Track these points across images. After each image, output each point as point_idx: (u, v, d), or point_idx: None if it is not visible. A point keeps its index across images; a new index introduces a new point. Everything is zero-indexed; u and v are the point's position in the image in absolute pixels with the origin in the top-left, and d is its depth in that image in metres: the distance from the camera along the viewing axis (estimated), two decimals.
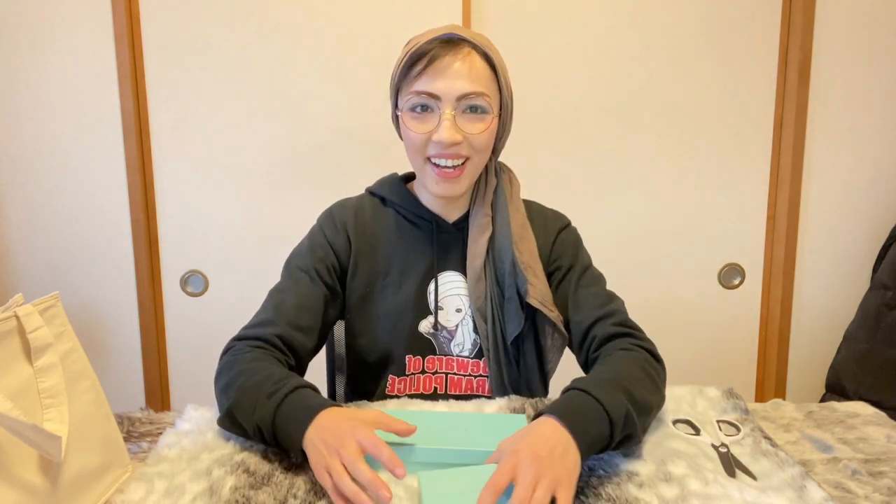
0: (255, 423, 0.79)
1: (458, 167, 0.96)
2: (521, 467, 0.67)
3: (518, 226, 1.03)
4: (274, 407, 0.78)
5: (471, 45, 0.95)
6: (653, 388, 0.86)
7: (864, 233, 1.92)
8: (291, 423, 0.76)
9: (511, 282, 1.00)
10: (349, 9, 1.77)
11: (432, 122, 0.95)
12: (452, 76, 0.93)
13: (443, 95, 0.93)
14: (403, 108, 0.97)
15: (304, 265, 1.02)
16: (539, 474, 0.67)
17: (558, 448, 0.70)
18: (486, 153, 0.99)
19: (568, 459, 0.70)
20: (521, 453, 0.68)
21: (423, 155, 0.97)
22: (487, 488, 0.66)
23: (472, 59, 0.94)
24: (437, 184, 0.98)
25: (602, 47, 1.82)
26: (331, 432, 0.73)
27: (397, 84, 0.98)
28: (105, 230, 1.84)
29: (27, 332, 0.66)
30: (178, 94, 1.79)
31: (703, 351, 1.98)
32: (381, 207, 1.08)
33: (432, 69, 0.93)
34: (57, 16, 1.74)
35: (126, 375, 1.90)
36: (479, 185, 1.05)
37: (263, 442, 0.81)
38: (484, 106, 0.95)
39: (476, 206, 1.04)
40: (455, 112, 0.94)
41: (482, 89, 0.94)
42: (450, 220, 1.05)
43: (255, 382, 0.82)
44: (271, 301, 0.99)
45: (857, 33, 1.81)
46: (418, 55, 0.94)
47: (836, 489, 0.75)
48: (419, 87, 0.94)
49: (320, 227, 1.07)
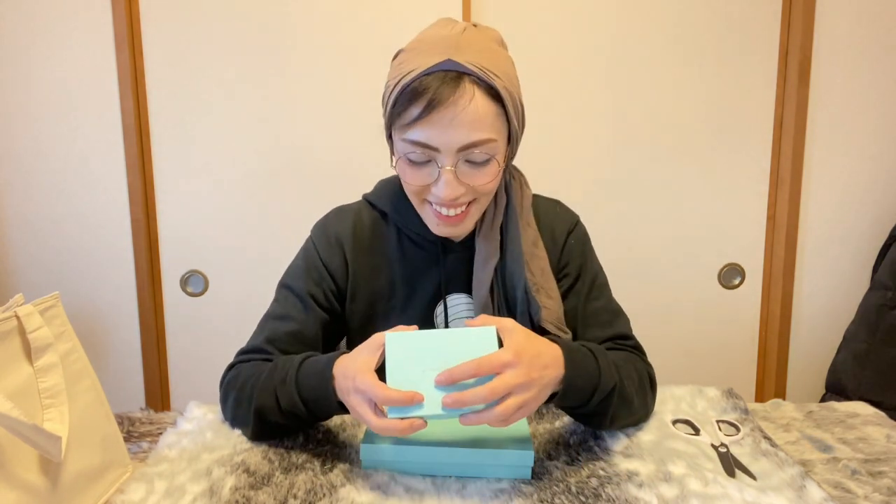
0: (288, 409, 0.81)
1: (460, 213, 0.90)
2: (511, 371, 0.70)
3: (529, 244, 0.97)
4: (294, 388, 0.80)
5: (473, 78, 0.82)
6: (640, 398, 0.88)
7: (864, 233, 1.92)
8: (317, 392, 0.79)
9: (524, 309, 0.95)
10: (349, 9, 1.77)
11: (430, 172, 0.86)
12: (453, 127, 0.81)
13: (442, 148, 0.83)
14: (398, 153, 0.87)
15: (298, 289, 0.96)
16: (521, 388, 0.70)
17: (545, 378, 0.73)
18: (492, 194, 0.93)
19: (543, 394, 0.74)
20: (520, 360, 0.71)
21: (422, 198, 0.90)
22: (470, 364, 0.70)
23: (475, 103, 0.82)
24: (437, 226, 0.92)
25: (602, 47, 1.82)
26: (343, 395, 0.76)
27: (390, 120, 0.87)
28: (105, 230, 1.84)
29: (27, 332, 0.66)
30: (178, 94, 1.79)
31: (703, 351, 1.98)
32: (382, 223, 1.01)
33: (429, 119, 0.81)
34: (57, 16, 1.74)
35: (126, 375, 1.91)
36: (488, 208, 0.98)
37: (303, 424, 0.84)
38: (488, 156, 0.85)
39: (483, 231, 0.97)
40: (456, 165, 0.84)
41: (486, 136, 0.83)
42: (456, 240, 0.99)
43: (264, 379, 0.84)
44: (265, 329, 0.95)
45: (857, 33, 1.81)
46: (412, 94, 0.82)
47: (836, 489, 0.75)
48: (415, 136, 0.83)
49: (314, 245, 1.00)
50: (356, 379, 0.73)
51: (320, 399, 0.79)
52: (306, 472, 0.76)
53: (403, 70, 0.84)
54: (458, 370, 0.70)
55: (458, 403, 0.69)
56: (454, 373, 0.70)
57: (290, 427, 0.85)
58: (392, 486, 0.74)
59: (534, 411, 0.75)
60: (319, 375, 0.79)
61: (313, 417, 0.83)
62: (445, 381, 0.70)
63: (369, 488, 0.73)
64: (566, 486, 0.73)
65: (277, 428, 0.84)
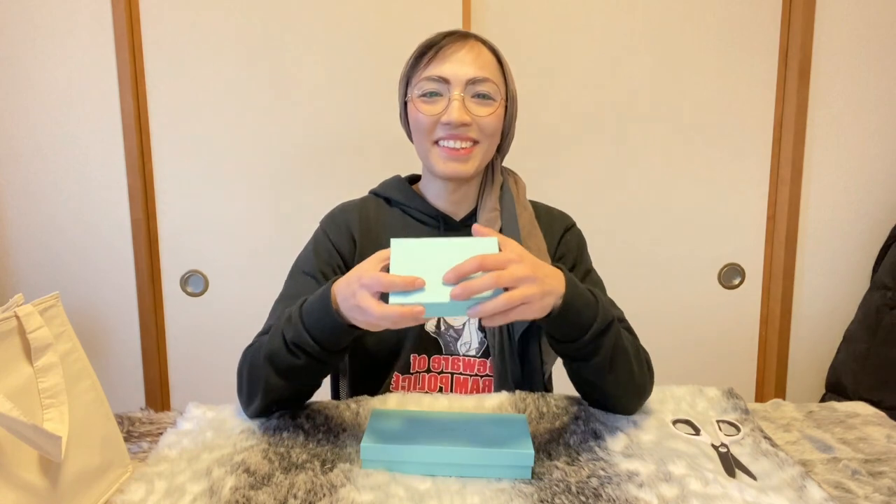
0: (295, 343, 0.82)
1: (466, 148, 0.98)
2: (516, 265, 0.71)
3: (526, 222, 1.03)
4: (299, 320, 0.81)
5: (478, 38, 1.00)
6: (638, 364, 0.89)
7: (864, 233, 1.92)
8: (324, 320, 0.80)
9: None
10: (349, 9, 1.77)
11: (442, 104, 0.98)
12: (461, 61, 0.97)
13: (452, 79, 0.97)
14: (413, 94, 1.00)
15: (308, 269, 1.01)
16: (525, 280, 0.71)
17: (548, 281, 0.75)
18: (494, 139, 1.01)
19: (547, 299, 0.75)
20: (524, 259, 0.73)
21: (432, 139, 0.99)
22: (476, 258, 0.70)
23: (479, 49, 0.99)
24: (444, 162, 0.99)
25: (602, 48, 1.82)
26: (346, 300, 0.76)
27: (408, 74, 1.02)
28: (105, 230, 1.84)
29: (27, 332, 0.66)
30: (178, 94, 1.79)
31: (703, 351, 1.99)
32: (386, 207, 1.08)
33: (441, 55, 0.98)
34: (57, 16, 1.74)
35: (126, 375, 1.91)
36: (485, 182, 1.06)
37: (314, 362, 0.83)
38: (491, 92, 0.98)
39: (483, 202, 1.05)
40: (464, 95, 0.97)
41: (489, 76, 0.98)
42: (457, 218, 1.06)
43: (272, 332, 0.86)
44: (277, 310, 0.98)
45: (857, 33, 1.81)
46: (427, 46, 0.99)
47: (836, 489, 0.75)
48: (429, 72, 0.98)
49: (323, 229, 1.07)
50: (361, 277, 0.74)
51: (324, 320, 0.79)
52: (306, 471, 0.76)
53: (420, 43, 1.01)
54: (465, 264, 0.70)
55: (466, 291, 0.69)
56: (461, 267, 0.70)
57: (301, 370, 0.84)
58: (392, 486, 0.74)
59: (536, 316, 0.75)
60: (320, 299, 0.80)
61: (321, 349, 0.82)
62: (453, 276, 0.70)
63: (369, 488, 0.73)
64: (566, 486, 0.73)
65: (289, 373, 0.84)
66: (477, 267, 0.70)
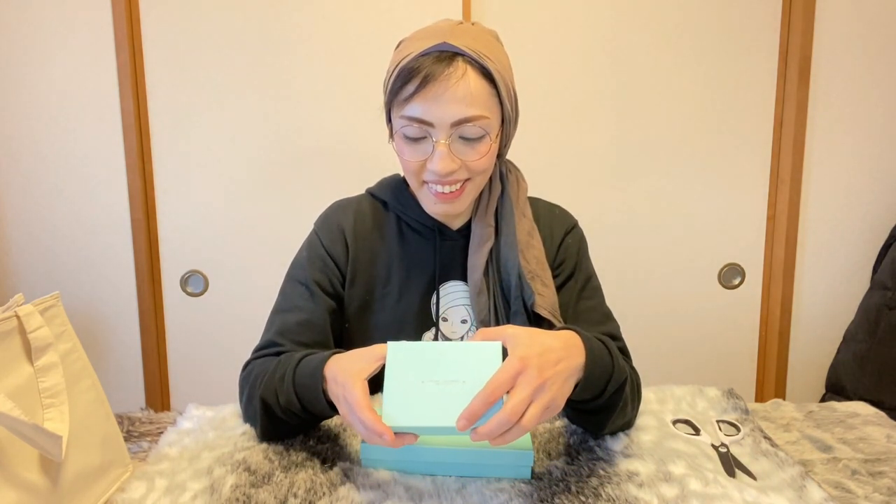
0: (287, 408, 0.81)
1: (455, 190, 0.92)
2: (522, 379, 0.65)
3: (524, 233, 0.99)
4: (291, 387, 0.80)
5: (466, 58, 0.86)
6: (632, 401, 0.87)
7: (864, 233, 1.92)
8: (310, 393, 0.78)
9: (518, 294, 0.96)
10: (349, 9, 1.77)
11: (426, 148, 0.89)
12: (446, 101, 0.85)
13: (436, 122, 0.86)
14: (396, 130, 0.91)
15: (302, 278, 0.99)
16: (538, 391, 0.65)
17: (562, 372, 0.68)
18: (487, 173, 0.95)
19: (567, 387, 0.69)
20: (528, 364, 0.66)
21: (420, 179, 0.93)
22: (482, 396, 0.64)
23: (467, 80, 0.85)
24: (434, 203, 0.94)
25: (602, 47, 1.82)
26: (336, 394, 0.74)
27: (388, 99, 0.92)
28: (105, 230, 1.84)
29: (27, 331, 0.66)
30: (178, 94, 1.79)
31: (703, 351, 1.98)
32: (383, 211, 1.04)
33: (423, 93, 0.85)
34: (57, 16, 1.74)
35: (126, 375, 1.90)
36: (482, 193, 1.01)
37: (304, 423, 0.84)
38: (481, 132, 0.88)
39: (479, 215, 1.00)
40: (450, 140, 0.87)
41: (479, 112, 0.86)
42: (453, 228, 1.02)
43: (268, 376, 0.85)
44: (274, 322, 0.96)
45: (857, 33, 1.81)
46: (409, 72, 0.86)
47: (836, 489, 0.75)
48: (411, 112, 0.87)
49: (317, 234, 1.03)
50: (346, 388, 0.71)
51: (313, 400, 0.78)
52: (306, 470, 0.76)
53: (402, 54, 0.90)
54: (475, 406, 0.64)
55: (485, 437, 0.64)
56: (472, 411, 0.64)
57: (293, 425, 0.84)
58: (392, 485, 0.74)
59: (563, 406, 0.70)
60: (312, 376, 0.78)
61: (311, 416, 0.82)
62: (467, 422, 0.64)
63: (369, 487, 0.73)
64: (566, 486, 0.73)
65: (282, 425, 0.84)
66: (488, 401, 0.64)
